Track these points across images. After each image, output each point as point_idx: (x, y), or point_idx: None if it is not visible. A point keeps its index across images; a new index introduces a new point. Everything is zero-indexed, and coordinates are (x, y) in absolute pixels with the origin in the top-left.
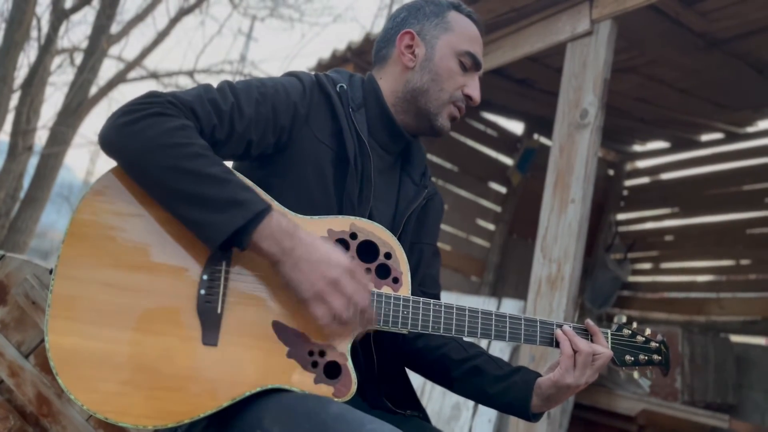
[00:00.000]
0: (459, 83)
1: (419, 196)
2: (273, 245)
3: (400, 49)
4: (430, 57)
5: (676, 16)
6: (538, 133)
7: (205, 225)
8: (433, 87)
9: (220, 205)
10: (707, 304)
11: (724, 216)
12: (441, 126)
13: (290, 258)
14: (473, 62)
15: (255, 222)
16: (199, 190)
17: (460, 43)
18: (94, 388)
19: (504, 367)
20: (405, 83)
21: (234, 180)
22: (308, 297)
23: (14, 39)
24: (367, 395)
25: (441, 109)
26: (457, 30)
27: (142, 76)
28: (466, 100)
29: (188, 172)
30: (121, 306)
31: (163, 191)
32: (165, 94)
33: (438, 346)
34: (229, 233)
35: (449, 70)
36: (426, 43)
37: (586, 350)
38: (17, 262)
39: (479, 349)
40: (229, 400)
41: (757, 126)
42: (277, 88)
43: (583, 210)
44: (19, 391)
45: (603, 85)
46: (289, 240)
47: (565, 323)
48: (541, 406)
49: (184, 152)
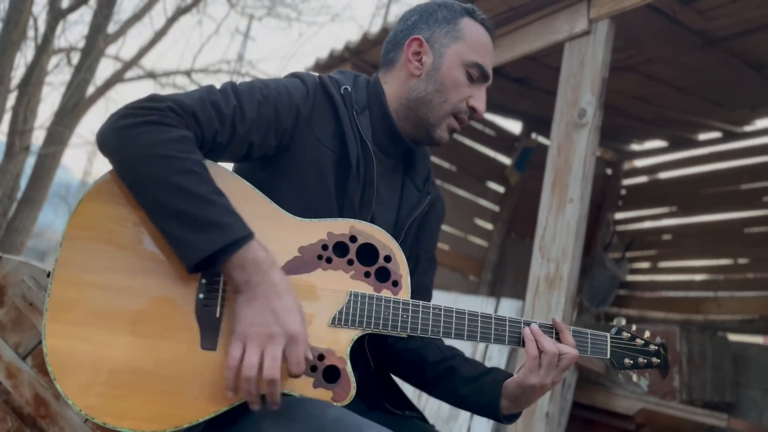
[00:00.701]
0: (464, 95)
1: (422, 202)
2: (241, 275)
3: (407, 55)
4: (437, 66)
5: (673, 14)
6: (536, 133)
7: (182, 243)
8: (436, 98)
9: (200, 226)
10: (705, 303)
11: (721, 215)
12: (439, 137)
13: (250, 292)
14: (481, 74)
15: (232, 248)
16: (183, 206)
17: (470, 54)
18: (92, 392)
19: (477, 368)
20: (409, 91)
21: (220, 202)
22: (238, 332)
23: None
24: (365, 397)
25: (441, 121)
26: (468, 39)
27: (140, 75)
28: (470, 112)
29: (176, 187)
30: (119, 310)
31: (149, 200)
32: (167, 98)
33: (416, 347)
34: (203, 255)
35: (455, 81)
36: (434, 52)
37: (552, 351)
38: (14, 263)
39: (455, 351)
40: (227, 405)
41: (754, 125)
42: (279, 89)
43: (581, 209)
44: (16, 392)
45: (601, 84)
46: (260, 276)
47: (534, 321)
48: (510, 407)
49: (176, 166)
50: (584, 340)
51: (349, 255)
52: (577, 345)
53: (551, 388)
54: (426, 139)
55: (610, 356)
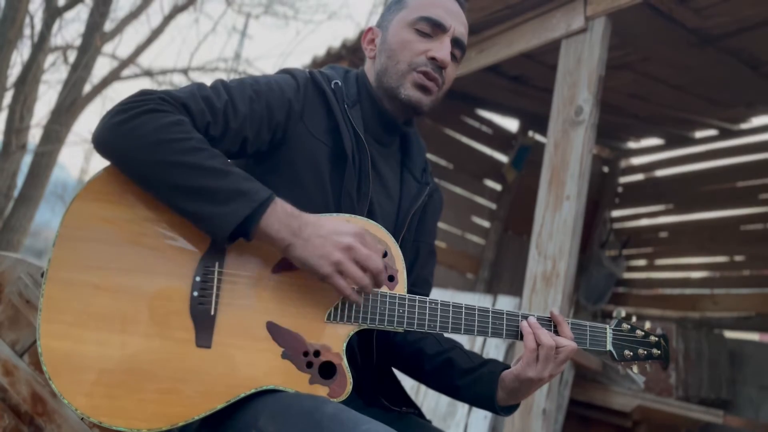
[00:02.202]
0: (418, 50)
1: (422, 193)
2: (282, 229)
3: (363, 45)
4: (384, 39)
5: (669, 12)
6: (533, 130)
7: (212, 217)
8: (390, 63)
9: (225, 197)
10: (701, 300)
11: (718, 212)
12: (407, 96)
13: (300, 238)
14: (432, 25)
15: (261, 210)
16: (202, 183)
17: (413, 13)
18: (87, 392)
19: (474, 360)
20: (376, 73)
21: (235, 171)
22: (328, 272)
23: (7, 37)
24: (362, 393)
25: (401, 81)
26: (411, 5)
27: (136, 73)
28: (432, 63)
29: (188, 166)
30: (113, 309)
31: (162, 187)
32: (157, 91)
33: (415, 340)
34: (236, 223)
35: (402, 42)
36: (382, 30)
37: (549, 343)
38: (11, 261)
39: (454, 343)
40: (223, 402)
41: (750, 122)
42: (270, 85)
43: (578, 207)
44: (13, 390)
45: (597, 81)
46: (297, 221)
47: (531, 314)
48: (507, 399)
49: (182, 147)
50: (583, 332)
51: None
52: (576, 338)
53: (549, 380)
54: (401, 107)
55: (611, 348)
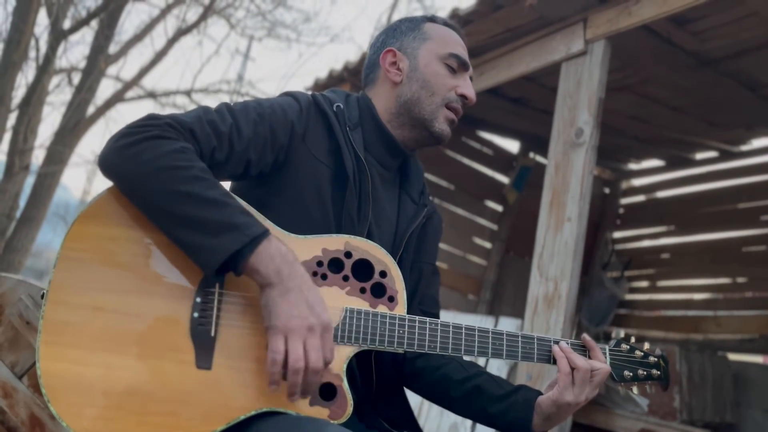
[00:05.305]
0: (450, 85)
1: (419, 215)
2: (270, 267)
3: (385, 67)
4: (414, 67)
5: (668, 35)
6: (534, 152)
7: (202, 249)
8: (423, 94)
9: (216, 229)
10: (704, 322)
11: (719, 234)
12: (440, 131)
13: (282, 285)
14: (459, 63)
15: (252, 246)
16: (197, 213)
17: (442, 48)
18: (85, 414)
19: (505, 387)
20: (396, 98)
21: (232, 203)
22: (278, 326)
23: (12, 59)
24: (363, 415)
25: (436, 114)
26: (435, 37)
27: (140, 95)
28: (461, 100)
29: (186, 195)
30: (113, 331)
31: (161, 214)
32: (164, 116)
33: (438, 366)
34: (224, 257)
35: (436, 74)
36: (408, 56)
37: (584, 367)
38: (12, 282)
39: (479, 369)
40: (223, 424)
41: (750, 144)
42: (274, 108)
43: (579, 228)
44: (12, 412)
45: (597, 104)
46: (288, 267)
47: (563, 339)
48: (542, 425)
49: (182, 175)
50: (582, 353)
51: (345, 271)
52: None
53: (584, 404)
54: (428, 137)
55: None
